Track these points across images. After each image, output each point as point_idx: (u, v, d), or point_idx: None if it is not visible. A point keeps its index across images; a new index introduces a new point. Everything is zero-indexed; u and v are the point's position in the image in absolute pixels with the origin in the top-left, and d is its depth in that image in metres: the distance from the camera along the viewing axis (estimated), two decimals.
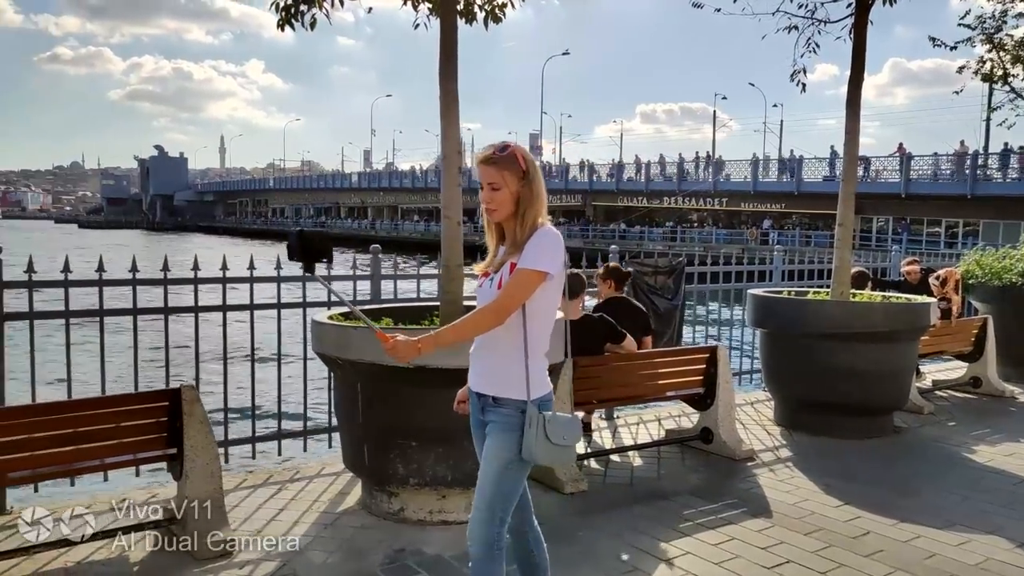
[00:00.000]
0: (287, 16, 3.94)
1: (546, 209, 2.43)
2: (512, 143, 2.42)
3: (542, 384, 2.41)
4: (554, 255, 2.33)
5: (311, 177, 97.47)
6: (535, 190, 2.38)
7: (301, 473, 4.58)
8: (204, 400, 3.59)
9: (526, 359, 2.36)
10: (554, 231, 2.38)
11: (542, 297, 2.36)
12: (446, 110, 3.88)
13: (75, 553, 3.36)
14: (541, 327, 2.40)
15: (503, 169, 2.36)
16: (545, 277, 2.32)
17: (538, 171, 2.42)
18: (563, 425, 2.36)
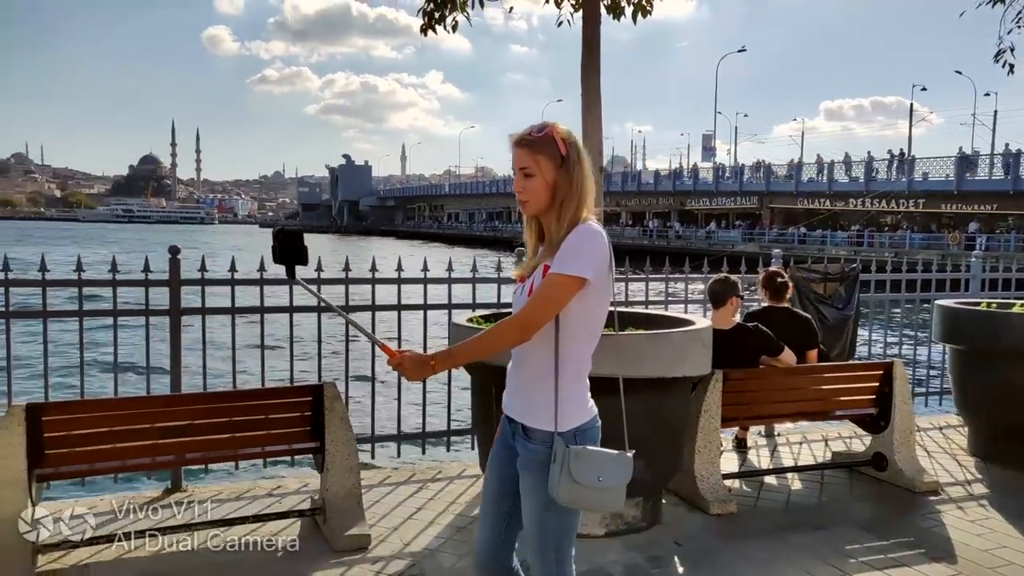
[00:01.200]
0: (430, 22, 3.99)
1: (591, 203, 2.07)
2: (554, 124, 2.07)
3: (578, 412, 2.06)
4: (591, 257, 1.96)
5: (484, 182, 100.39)
6: (575, 179, 2.03)
7: (443, 473, 4.62)
8: (354, 396, 3.69)
9: (556, 383, 2.02)
10: (595, 228, 2.01)
11: (580, 308, 2.00)
12: (587, 106, 3.76)
13: (232, 533, 3.56)
14: (579, 345, 2.05)
15: (537, 152, 2.03)
16: (581, 284, 1.96)
17: (583, 158, 2.07)
18: (598, 462, 1.98)
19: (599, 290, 2.02)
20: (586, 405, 2.09)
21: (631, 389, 3.49)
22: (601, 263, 1.99)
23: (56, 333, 4.62)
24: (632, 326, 3.92)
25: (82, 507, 3.82)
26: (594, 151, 3.78)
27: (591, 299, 2.01)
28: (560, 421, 2.01)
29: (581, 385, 2.09)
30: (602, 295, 2.04)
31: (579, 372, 2.08)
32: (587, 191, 2.05)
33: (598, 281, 2.00)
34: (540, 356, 2.04)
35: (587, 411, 2.09)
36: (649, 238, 52.08)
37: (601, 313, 2.07)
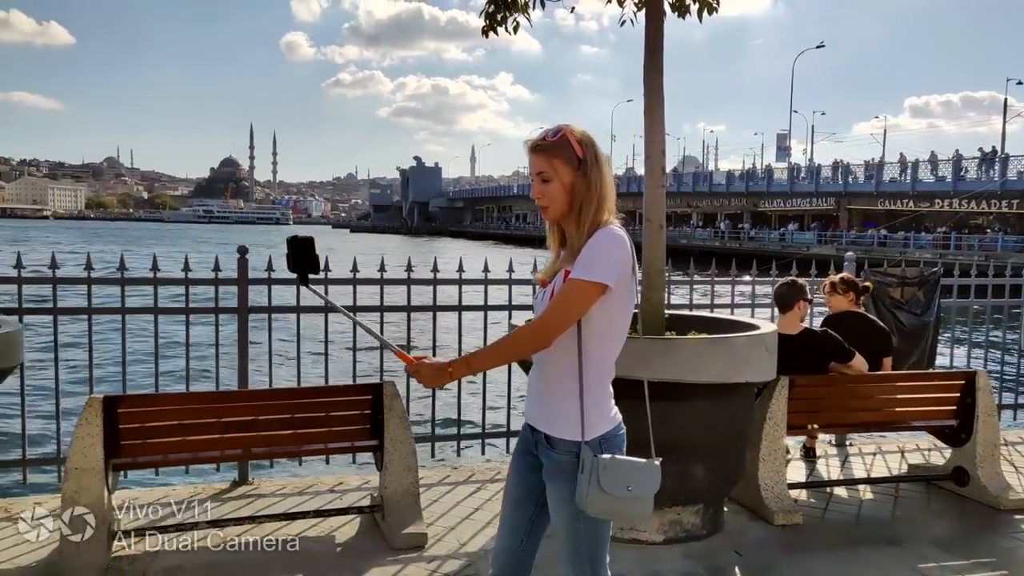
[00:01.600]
0: (491, 23, 3.99)
1: (612, 205, 2.01)
2: (569, 126, 2.01)
3: (602, 420, 2.02)
4: (612, 261, 1.91)
5: None
6: (593, 181, 1.97)
7: (501, 474, 4.62)
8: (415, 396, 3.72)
9: (581, 392, 1.97)
10: (617, 232, 1.96)
11: (602, 314, 1.95)
12: (650, 106, 3.69)
13: (293, 527, 3.65)
14: (602, 351, 2.00)
15: (553, 156, 1.98)
16: (602, 290, 1.91)
17: (601, 159, 2.00)
18: (626, 472, 1.93)
19: (622, 295, 1.97)
20: (610, 413, 2.05)
21: (691, 394, 3.45)
22: (623, 268, 1.94)
23: (136, 328, 4.81)
24: (695, 330, 3.85)
25: (155, 495, 3.98)
26: (656, 152, 3.70)
27: (613, 305, 1.96)
28: (586, 430, 1.97)
29: (605, 392, 2.05)
30: (625, 300, 1.99)
31: (602, 379, 2.03)
32: (606, 193, 1.99)
33: (620, 286, 1.95)
34: (563, 363, 1.99)
35: (611, 419, 2.05)
36: (720, 239, 51.08)
37: (624, 319, 2.03)
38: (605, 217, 1.98)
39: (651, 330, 3.74)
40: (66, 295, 4.19)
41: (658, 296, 3.80)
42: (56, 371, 4.08)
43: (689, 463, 3.51)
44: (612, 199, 2.01)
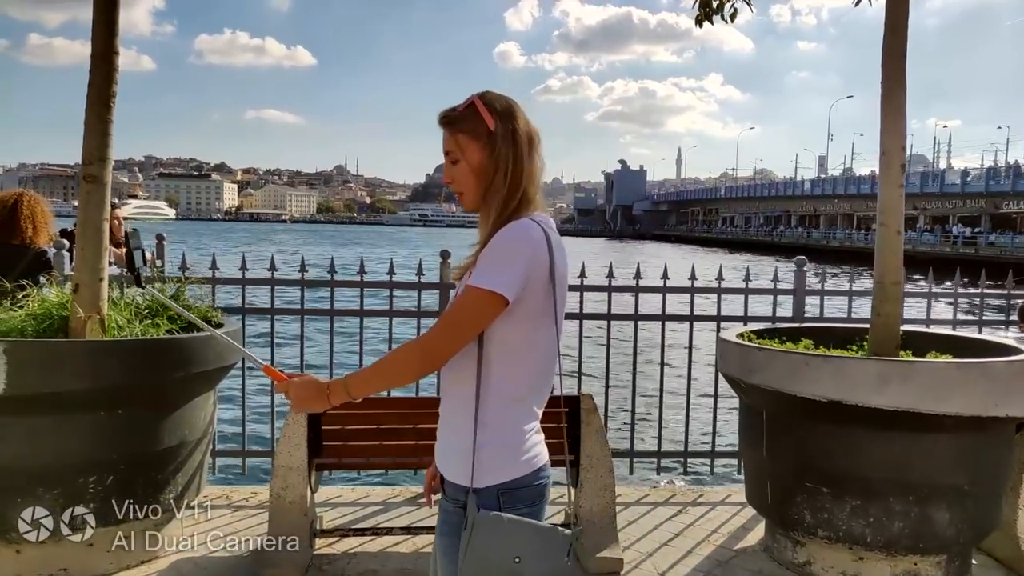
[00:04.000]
0: (706, 12, 3.68)
1: (536, 192, 1.61)
2: (487, 93, 1.63)
3: (504, 465, 1.55)
4: (511, 266, 1.49)
5: (761, 185, 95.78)
6: (502, 160, 1.57)
7: (705, 497, 4.27)
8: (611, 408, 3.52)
9: (475, 426, 1.54)
10: (526, 227, 1.53)
11: (508, 332, 1.53)
12: (889, 95, 3.20)
13: None
14: (509, 379, 1.56)
15: (459, 131, 1.61)
16: (499, 301, 1.48)
17: (520, 134, 1.60)
18: (516, 537, 1.48)
19: (533, 309, 1.54)
20: (520, 456, 1.57)
21: (935, 427, 2.93)
22: (530, 274, 1.51)
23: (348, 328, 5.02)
24: (935, 351, 3.30)
25: (356, 494, 4.10)
26: (895, 148, 3.21)
27: (521, 320, 1.53)
28: (477, 475, 1.54)
29: (513, 430, 1.58)
30: (537, 315, 1.55)
31: (511, 413, 1.58)
32: (525, 176, 1.59)
33: (529, 297, 1.52)
34: (461, 391, 1.58)
35: (521, 464, 1.57)
36: (952, 245, 45.58)
37: (542, 338, 1.58)
38: (522, 206, 1.58)
39: (884, 349, 3.24)
40: (284, 295, 4.45)
41: (893, 310, 3.29)
42: (243, 367, 4.28)
43: (930, 506, 2.99)
44: (537, 183, 1.62)
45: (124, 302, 3.51)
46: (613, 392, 4.58)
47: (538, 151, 1.65)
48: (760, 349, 3.23)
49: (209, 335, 3.21)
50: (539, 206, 1.62)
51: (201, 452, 3.37)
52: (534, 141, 1.64)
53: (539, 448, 1.62)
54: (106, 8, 3.65)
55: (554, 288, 1.56)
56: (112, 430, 2.99)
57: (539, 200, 1.63)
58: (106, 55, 3.64)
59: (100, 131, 3.27)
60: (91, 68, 3.50)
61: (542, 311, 1.56)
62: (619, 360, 4.83)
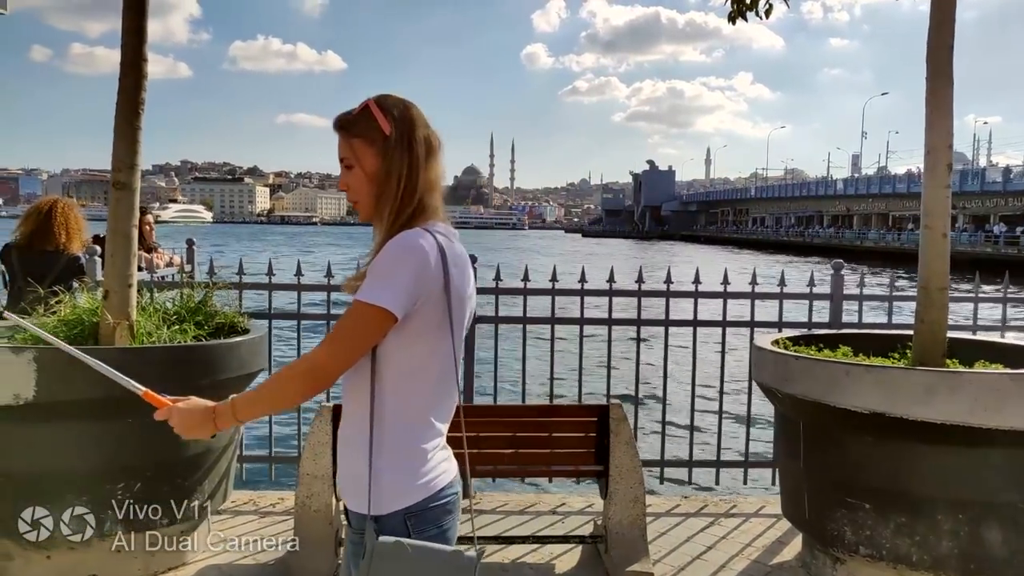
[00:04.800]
0: (739, 8, 3.58)
1: (434, 200, 1.53)
2: (385, 96, 1.55)
3: (405, 490, 1.47)
4: (400, 280, 1.40)
5: (793, 185, 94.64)
6: (394, 166, 1.49)
7: (738, 508, 4.16)
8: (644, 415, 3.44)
9: (370, 451, 1.45)
10: (415, 237, 1.44)
11: (401, 350, 1.45)
12: (934, 91, 3.07)
13: (510, 551, 3.50)
14: (406, 399, 1.47)
15: (353, 135, 1.53)
16: (386, 317, 1.40)
17: (418, 139, 1.52)
18: (415, 566, 1.39)
19: (426, 324, 1.45)
20: (421, 478, 1.48)
21: (987, 441, 2.79)
22: (420, 288, 1.43)
23: None
24: (984, 359, 3.16)
25: None
26: (941, 146, 3.08)
27: (415, 336, 1.44)
28: (375, 501, 1.45)
29: (413, 452, 1.49)
30: (433, 331, 1.47)
31: (410, 434, 1.49)
32: (421, 183, 1.51)
33: (421, 312, 1.44)
34: (356, 412, 1.49)
35: (425, 486, 1.49)
36: (993, 245, 44.41)
37: (436, 354, 1.49)
38: (418, 216, 1.50)
39: (929, 358, 3.11)
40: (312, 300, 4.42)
41: (939, 316, 3.15)
42: (270, 372, 4.25)
43: (981, 525, 2.85)
44: (435, 192, 1.54)
45: (153, 307, 3.51)
46: (643, 399, 4.48)
47: (437, 158, 1.57)
48: (797, 357, 3.12)
49: (233, 343, 3.19)
50: (438, 215, 1.54)
51: (227, 459, 3.35)
52: (433, 147, 1.57)
53: (444, 466, 1.54)
54: (135, 16, 3.66)
55: (449, 302, 1.47)
56: (139, 437, 2.97)
57: (438, 209, 1.55)
58: (135, 62, 3.64)
59: (129, 138, 3.27)
60: (121, 76, 3.50)
61: (438, 326, 1.47)
62: (649, 366, 4.73)
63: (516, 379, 4.66)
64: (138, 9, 3.63)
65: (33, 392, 2.80)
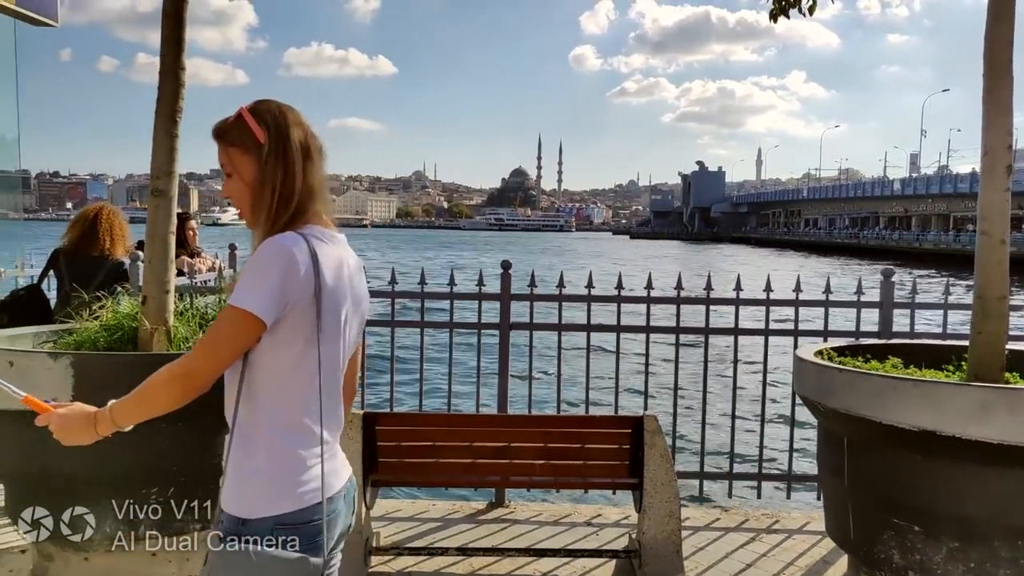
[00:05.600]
0: (781, 5, 3.45)
1: (316, 207, 1.51)
2: (262, 102, 1.54)
3: (277, 496, 1.43)
4: (265, 285, 1.39)
5: (847, 185, 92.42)
6: (269, 175, 1.47)
7: (781, 524, 4.02)
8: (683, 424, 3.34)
9: (243, 453, 1.46)
10: (283, 241, 1.42)
11: (270, 355, 1.43)
12: (992, 89, 2.90)
13: (541, 564, 3.43)
14: (279, 404, 1.46)
15: (228, 144, 1.51)
16: (254, 323, 1.38)
17: (293, 146, 1.50)
18: (262, 570, 1.39)
19: (297, 328, 1.43)
20: (297, 487, 1.45)
21: None
22: (289, 292, 1.40)
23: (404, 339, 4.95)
24: None
25: (415, 509, 4.03)
26: (999, 146, 2.91)
27: (286, 341, 1.43)
28: (242, 502, 1.44)
29: (289, 457, 1.46)
30: (306, 335, 1.44)
31: (284, 440, 1.46)
32: (298, 190, 1.49)
33: (291, 317, 1.41)
34: (230, 414, 1.48)
35: (300, 495, 1.44)
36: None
37: (311, 358, 1.46)
38: (296, 221, 1.48)
39: (985, 372, 2.93)
40: None
41: (997, 328, 2.97)
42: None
43: None
44: (313, 197, 1.51)
45: (191, 313, 3.54)
46: (682, 409, 4.37)
47: (316, 163, 1.54)
48: (840, 370, 2.98)
49: None
50: (318, 219, 1.52)
51: None
52: (311, 153, 1.54)
53: (319, 480, 1.48)
54: (174, 25, 3.69)
55: (319, 307, 1.44)
56: (173, 442, 2.99)
57: (319, 213, 1.53)
58: (173, 71, 3.68)
59: (167, 146, 3.30)
60: (159, 84, 3.54)
61: (309, 331, 1.45)
62: (688, 375, 4.61)
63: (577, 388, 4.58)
64: (176, 17, 3.67)
65: (71, 396, 2.83)
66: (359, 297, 1.59)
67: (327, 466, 1.49)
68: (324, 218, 1.54)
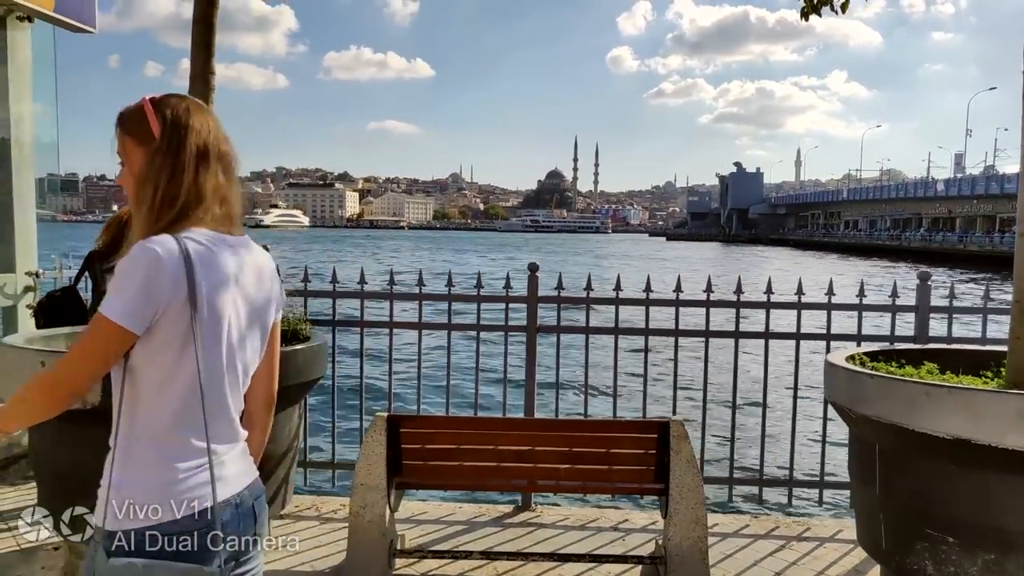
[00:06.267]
0: (812, 5, 3.38)
1: (206, 212, 1.43)
2: (170, 95, 1.48)
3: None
4: (128, 290, 1.33)
5: (888, 186, 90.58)
6: (154, 170, 1.41)
7: (812, 532, 3.93)
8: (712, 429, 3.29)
9: (114, 463, 1.40)
10: (152, 246, 1.35)
11: (146, 357, 1.37)
12: None
13: (565, 570, 3.40)
14: (154, 409, 1.39)
15: (125, 133, 1.46)
16: (118, 330, 1.32)
17: (193, 144, 1.44)
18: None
19: (171, 335, 1.36)
20: (170, 497, 1.37)
21: None
22: (154, 299, 1.33)
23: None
24: None
25: (441, 511, 4.03)
26: None
27: (160, 348, 1.36)
28: (110, 514, 1.37)
29: (163, 467, 1.39)
30: (181, 342, 1.37)
31: (158, 449, 1.40)
32: (184, 192, 1.41)
33: (163, 324, 1.35)
34: (113, 421, 1.41)
35: (172, 506, 1.37)
36: None
37: (185, 368, 1.39)
38: (178, 225, 1.40)
39: (1023, 379, 2.84)
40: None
41: None
42: (333, 381, 4.28)
43: None
44: (199, 204, 1.43)
45: None
46: (712, 414, 4.31)
47: (213, 169, 1.47)
48: (872, 376, 2.91)
49: (289, 351, 3.22)
50: (203, 224, 1.44)
51: (285, 467, 3.39)
52: (210, 156, 1.47)
53: (202, 490, 1.41)
54: (205, 30, 3.76)
55: (194, 313, 1.37)
56: None
57: (203, 219, 1.45)
58: (203, 75, 3.73)
59: None
60: (189, 88, 3.60)
61: (184, 337, 1.38)
62: (719, 380, 4.54)
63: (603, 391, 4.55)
64: (207, 23, 3.73)
65: (100, 396, 2.88)
66: (258, 302, 1.52)
67: (212, 474, 1.43)
68: (224, 222, 1.48)
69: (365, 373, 4.39)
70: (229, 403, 1.49)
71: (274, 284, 1.59)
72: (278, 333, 1.63)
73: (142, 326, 1.34)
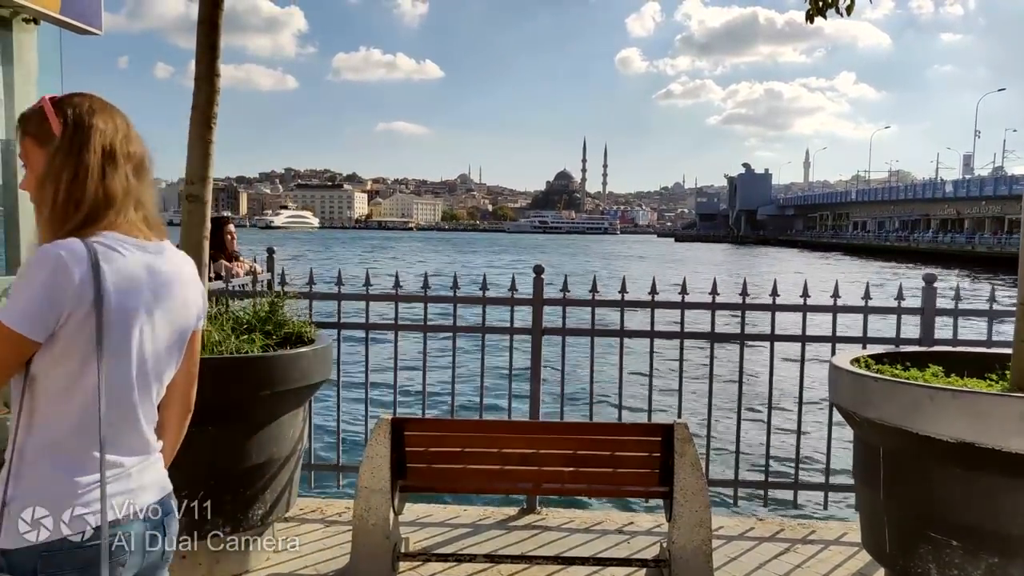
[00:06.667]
0: (818, 7, 3.38)
1: (104, 210, 1.37)
2: (73, 95, 1.42)
3: (39, 523, 1.30)
4: (26, 296, 1.28)
5: (897, 187, 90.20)
6: (54, 172, 1.35)
7: (817, 535, 3.92)
8: None
9: (8, 476, 1.31)
10: (54, 250, 1.29)
11: (46, 366, 1.31)
12: None
13: (571, 572, 3.40)
14: (51, 421, 1.33)
15: (25, 134, 1.41)
16: (15, 337, 1.27)
17: (97, 145, 1.38)
18: None
19: (73, 344, 1.30)
20: (63, 513, 1.31)
21: None
22: (55, 305, 1.28)
23: None
24: None
25: (446, 514, 4.03)
26: None
27: (61, 356, 1.31)
28: (7, 533, 1.29)
29: (57, 481, 1.33)
30: (83, 350, 1.31)
31: (52, 463, 1.33)
32: (89, 195, 1.36)
33: (66, 331, 1.29)
34: (11, 433, 1.34)
35: (67, 524, 1.31)
36: None
37: (87, 377, 1.33)
38: (86, 228, 1.34)
39: None
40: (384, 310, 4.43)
41: None
42: (338, 383, 4.29)
43: None
44: (108, 207, 1.38)
45: (224, 317, 3.60)
46: (717, 417, 4.30)
47: (123, 168, 1.42)
48: (876, 379, 2.90)
49: (294, 354, 3.24)
50: (114, 227, 1.39)
51: (290, 469, 3.39)
52: (117, 156, 1.41)
53: (98, 505, 1.35)
54: (210, 31, 3.76)
55: (100, 319, 1.32)
56: (202, 446, 3.03)
57: (115, 223, 1.39)
58: (208, 77, 3.74)
59: (201, 152, 3.36)
60: (195, 90, 3.60)
61: (88, 345, 1.32)
62: (724, 382, 4.53)
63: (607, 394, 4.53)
64: (212, 23, 3.73)
65: None
66: (175, 309, 1.47)
67: (111, 489, 1.36)
68: (141, 226, 1.43)
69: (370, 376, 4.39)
70: (139, 414, 1.43)
71: (195, 291, 1.53)
72: (198, 341, 1.59)
73: (43, 333, 1.29)
